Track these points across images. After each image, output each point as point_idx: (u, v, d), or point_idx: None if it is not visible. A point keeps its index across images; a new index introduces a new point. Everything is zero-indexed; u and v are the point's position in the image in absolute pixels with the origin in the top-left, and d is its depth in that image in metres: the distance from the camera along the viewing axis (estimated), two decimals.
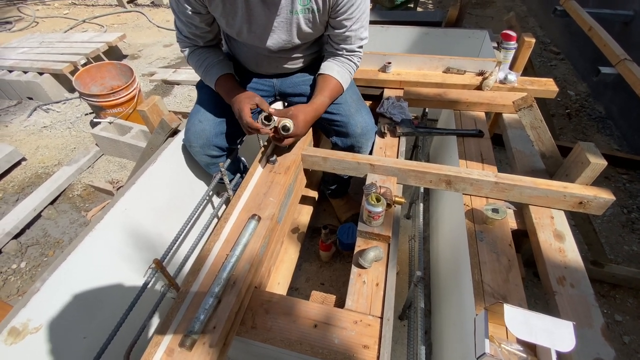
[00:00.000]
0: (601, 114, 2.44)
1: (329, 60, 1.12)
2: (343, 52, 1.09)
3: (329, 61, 1.12)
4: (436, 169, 1.04)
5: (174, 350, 0.68)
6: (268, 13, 0.95)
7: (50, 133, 2.57)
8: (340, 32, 1.03)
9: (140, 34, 4.05)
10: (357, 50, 1.11)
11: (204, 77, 1.11)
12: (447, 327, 1.08)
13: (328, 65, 1.11)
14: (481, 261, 0.90)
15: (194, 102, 2.83)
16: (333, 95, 1.11)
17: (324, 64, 1.12)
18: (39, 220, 1.90)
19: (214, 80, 1.07)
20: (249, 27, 0.99)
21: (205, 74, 1.09)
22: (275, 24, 0.98)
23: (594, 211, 0.98)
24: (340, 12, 0.97)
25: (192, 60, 1.10)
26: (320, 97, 1.07)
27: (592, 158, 0.93)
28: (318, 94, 1.07)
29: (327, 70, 1.10)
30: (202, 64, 1.08)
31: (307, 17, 0.98)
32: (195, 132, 1.12)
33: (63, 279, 0.85)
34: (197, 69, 1.11)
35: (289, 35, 1.02)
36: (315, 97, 1.07)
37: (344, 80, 1.11)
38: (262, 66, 1.18)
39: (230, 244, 0.87)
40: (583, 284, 0.84)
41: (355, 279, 0.88)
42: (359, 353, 0.75)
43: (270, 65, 1.17)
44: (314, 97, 1.08)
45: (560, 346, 0.60)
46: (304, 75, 1.24)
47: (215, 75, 1.07)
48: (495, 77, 1.43)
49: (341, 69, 1.10)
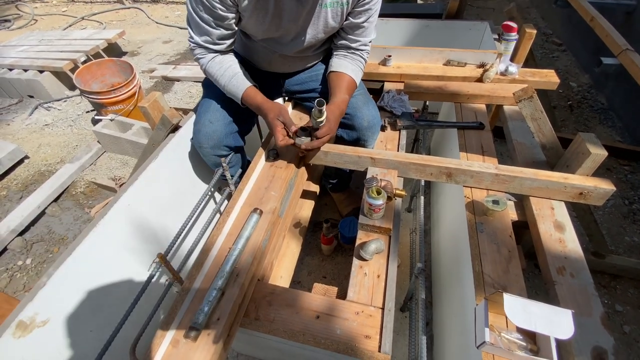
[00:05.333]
0: (603, 105, 2.42)
1: (341, 58, 1.10)
2: (357, 45, 1.08)
3: (341, 59, 1.10)
4: (437, 162, 1.04)
5: (179, 342, 0.69)
6: (299, 6, 0.94)
7: (52, 131, 2.58)
8: (359, 22, 1.02)
9: (140, 31, 4.03)
10: (368, 45, 1.11)
11: (227, 85, 1.04)
12: (449, 318, 1.09)
13: (341, 63, 1.09)
14: (482, 252, 0.90)
15: (194, 98, 2.85)
16: (350, 92, 1.09)
17: (336, 61, 1.10)
18: (43, 217, 1.92)
19: (242, 91, 1.03)
20: (278, 22, 0.97)
21: (229, 83, 1.04)
22: (304, 18, 0.97)
23: (594, 202, 0.98)
24: (364, 2, 0.98)
25: (213, 68, 1.04)
26: (341, 94, 1.04)
27: (593, 148, 0.93)
28: (337, 92, 1.05)
29: (341, 68, 1.08)
30: (224, 73, 1.03)
31: (335, 11, 0.98)
32: (206, 133, 1.11)
33: (69, 273, 0.86)
34: (219, 77, 1.04)
35: (316, 30, 1.02)
36: (336, 95, 1.04)
37: (357, 78, 1.10)
38: (275, 65, 1.18)
39: (233, 238, 0.88)
40: (583, 274, 0.85)
41: (357, 271, 0.89)
42: (361, 343, 0.76)
43: (283, 64, 1.17)
44: (334, 95, 1.05)
45: (559, 334, 0.61)
46: (311, 72, 1.24)
47: (243, 86, 1.03)
48: (496, 69, 1.42)
49: (354, 66, 1.09)
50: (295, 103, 1.38)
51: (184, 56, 3.47)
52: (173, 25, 4.07)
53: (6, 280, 1.64)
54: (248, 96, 1.03)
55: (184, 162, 1.26)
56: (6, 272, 1.67)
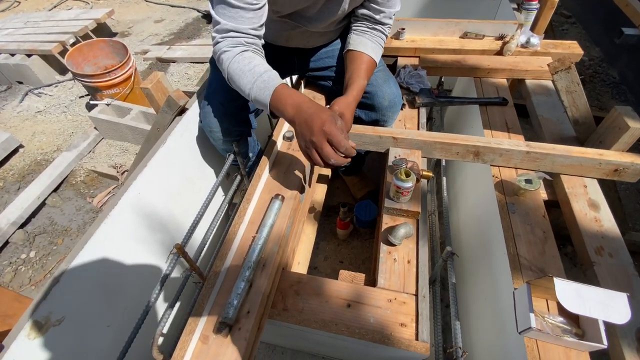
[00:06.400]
0: (615, 79, 2.36)
1: (360, 34, 1.00)
2: (380, 17, 0.98)
3: (360, 35, 1.00)
4: (464, 140, 0.98)
5: (208, 337, 0.65)
6: None
7: (45, 118, 2.47)
8: None
9: (129, 10, 3.83)
10: (391, 18, 1.01)
11: (256, 83, 0.80)
12: (475, 300, 1.07)
13: (361, 41, 0.98)
14: (515, 234, 0.86)
15: (192, 80, 2.74)
16: (369, 75, 0.99)
17: (355, 38, 1.00)
18: (43, 208, 1.85)
19: (275, 87, 0.79)
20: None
21: (259, 79, 0.80)
22: None
23: (629, 178, 0.94)
24: None
25: (240, 63, 0.80)
26: (359, 81, 0.93)
27: (632, 122, 0.89)
28: (355, 78, 0.93)
29: (361, 47, 0.97)
30: (253, 69, 0.80)
31: None
32: (217, 115, 1.02)
33: (82, 268, 0.81)
34: (245, 74, 0.81)
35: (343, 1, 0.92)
36: (354, 82, 0.92)
37: (377, 56, 1.00)
38: (293, 40, 1.07)
39: (255, 226, 0.83)
40: (622, 254, 0.81)
41: (386, 257, 0.85)
42: (397, 331, 0.73)
43: (302, 39, 1.07)
44: (351, 81, 0.93)
45: (616, 318, 0.58)
46: (329, 47, 1.14)
47: (275, 82, 0.80)
48: (517, 40, 1.35)
49: (374, 44, 0.99)
50: (308, 81, 1.30)
51: (177, 36, 3.31)
52: (164, 3, 3.87)
53: (11, 274, 1.59)
54: (281, 93, 0.78)
55: (192, 147, 1.20)
56: (10, 266, 1.62)
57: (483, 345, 0.96)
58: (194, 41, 3.16)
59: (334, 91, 1.18)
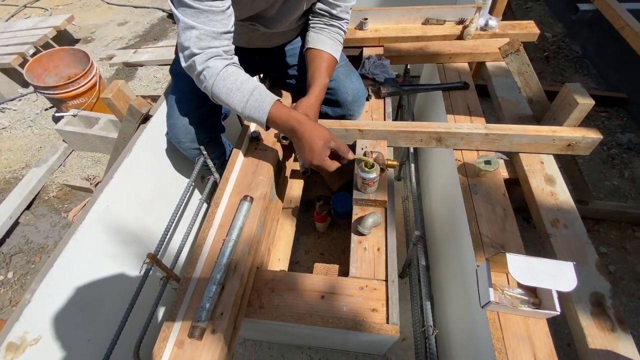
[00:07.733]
0: (578, 53, 2.43)
1: (318, 32, 1.00)
2: (338, 12, 0.98)
3: (318, 32, 1.00)
4: (426, 127, 1.01)
5: (184, 342, 0.67)
6: None
7: (10, 134, 2.38)
8: None
9: (90, 14, 3.69)
10: (348, 13, 1.02)
11: (249, 102, 0.82)
12: (447, 280, 1.12)
13: (319, 39, 0.99)
14: (477, 213, 0.90)
15: (161, 83, 2.68)
16: (330, 73, 1.00)
17: (314, 36, 1.00)
18: (17, 227, 1.81)
19: (270, 105, 0.82)
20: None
21: (251, 98, 0.81)
22: None
23: (582, 152, 0.99)
24: None
25: (227, 80, 0.80)
26: (320, 79, 0.94)
27: (580, 99, 0.92)
28: (317, 77, 0.95)
29: (319, 45, 0.98)
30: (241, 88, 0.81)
31: None
32: (183, 126, 1.02)
33: (54, 285, 0.81)
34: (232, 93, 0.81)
35: None
36: (315, 82, 0.94)
37: (337, 53, 1.01)
38: (254, 41, 1.07)
39: (226, 229, 0.84)
40: (576, 224, 0.86)
41: (357, 247, 0.88)
42: (368, 317, 0.76)
43: (263, 40, 1.07)
44: (312, 81, 0.95)
45: (563, 286, 0.62)
46: (290, 45, 1.14)
47: (269, 100, 0.83)
48: (476, 24, 1.37)
49: (332, 41, 1.00)
50: (271, 82, 1.30)
51: (143, 38, 3.22)
52: (126, 4, 3.74)
53: None
54: (278, 111, 0.82)
55: (160, 153, 1.19)
56: None
57: (455, 322, 1.01)
58: (160, 42, 3.08)
59: (299, 88, 1.19)
